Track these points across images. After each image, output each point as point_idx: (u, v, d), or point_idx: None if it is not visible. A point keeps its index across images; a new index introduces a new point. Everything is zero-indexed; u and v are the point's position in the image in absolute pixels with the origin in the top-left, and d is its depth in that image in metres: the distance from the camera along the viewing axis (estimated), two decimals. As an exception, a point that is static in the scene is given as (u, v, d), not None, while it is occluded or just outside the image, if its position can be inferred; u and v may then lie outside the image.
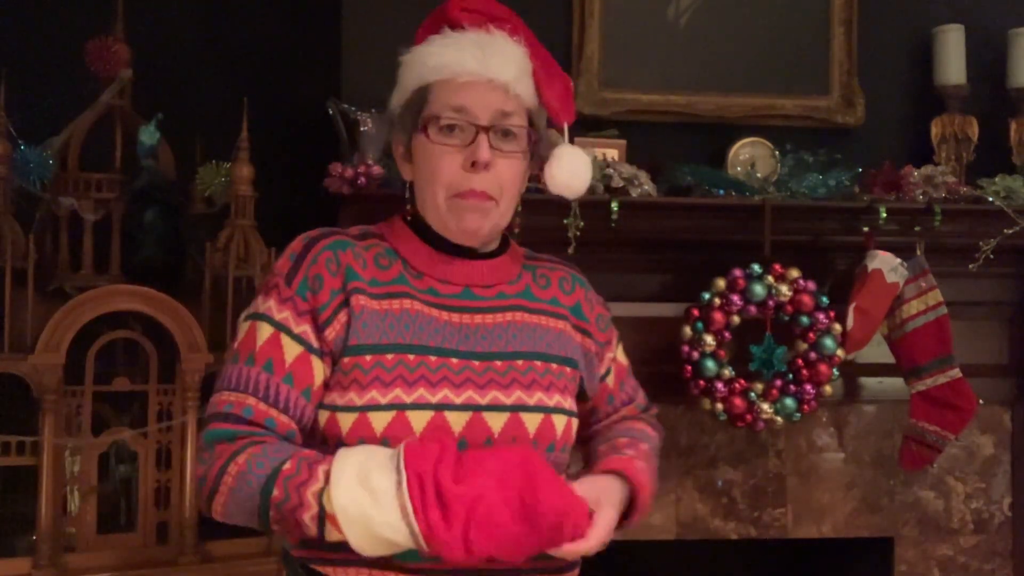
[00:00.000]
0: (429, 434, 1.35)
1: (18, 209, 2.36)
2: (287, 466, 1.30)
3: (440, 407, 1.37)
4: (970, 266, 2.70)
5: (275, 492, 1.29)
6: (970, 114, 2.89)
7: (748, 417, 2.63)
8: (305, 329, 1.39)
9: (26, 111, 2.42)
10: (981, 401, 2.76)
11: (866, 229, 2.68)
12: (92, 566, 2.23)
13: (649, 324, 2.74)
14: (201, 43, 2.95)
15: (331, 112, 2.58)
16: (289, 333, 1.39)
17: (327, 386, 1.40)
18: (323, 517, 1.26)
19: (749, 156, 2.82)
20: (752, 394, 2.63)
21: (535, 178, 1.55)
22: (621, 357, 1.66)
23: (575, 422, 1.50)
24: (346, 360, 1.38)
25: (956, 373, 2.72)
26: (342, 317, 1.40)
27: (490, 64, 1.42)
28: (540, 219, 2.29)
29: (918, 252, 2.72)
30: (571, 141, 1.53)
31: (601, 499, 1.38)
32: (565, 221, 2.47)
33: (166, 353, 2.31)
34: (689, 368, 2.62)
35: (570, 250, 2.45)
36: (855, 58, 2.93)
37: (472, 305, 1.47)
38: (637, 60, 2.87)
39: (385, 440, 1.34)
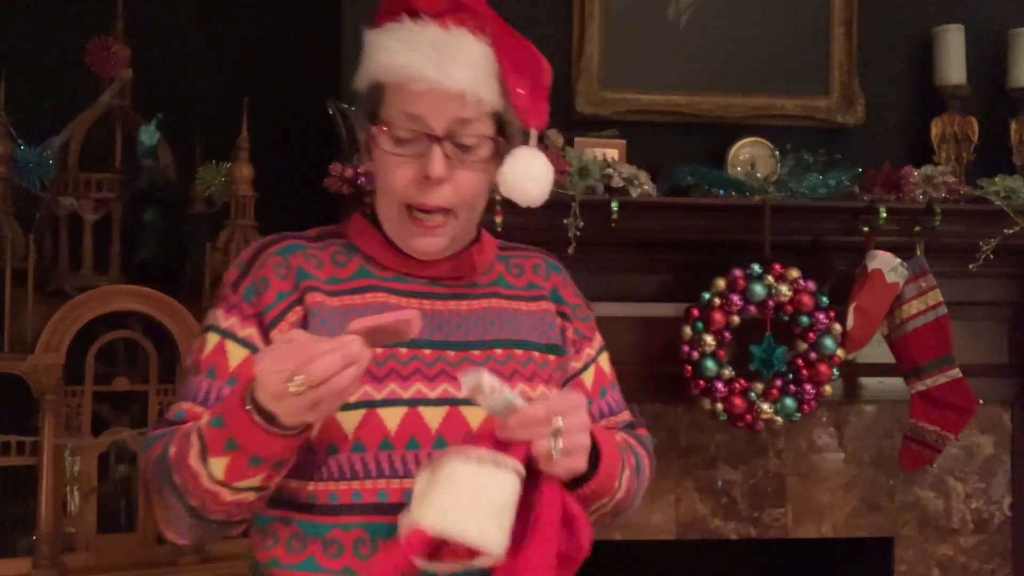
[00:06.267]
0: (404, 431, 1.28)
1: (18, 209, 2.36)
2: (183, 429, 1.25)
3: (414, 403, 1.29)
4: (970, 266, 2.71)
5: (171, 450, 1.23)
6: (970, 114, 2.89)
7: (748, 417, 2.63)
8: (251, 332, 1.33)
9: (26, 111, 2.43)
10: (981, 401, 2.77)
11: (866, 229, 2.68)
12: (92, 566, 2.23)
13: (649, 324, 2.74)
14: (201, 43, 2.95)
15: (331, 112, 2.58)
16: (234, 338, 1.33)
17: None
18: (203, 447, 1.18)
19: (749, 156, 2.81)
20: (752, 394, 2.63)
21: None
22: (604, 364, 1.51)
23: None
24: None
25: (956, 373, 2.72)
26: (292, 317, 1.33)
27: (447, 69, 1.27)
28: (540, 219, 2.29)
29: (918, 252, 2.73)
30: (542, 142, 1.38)
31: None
32: (565, 221, 2.47)
33: (166, 353, 2.31)
34: (689, 368, 2.62)
35: (570, 250, 2.45)
36: (855, 58, 2.93)
37: (443, 292, 1.38)
38: (637, 60, 2.86)
39: (357, 441, 1.27)
